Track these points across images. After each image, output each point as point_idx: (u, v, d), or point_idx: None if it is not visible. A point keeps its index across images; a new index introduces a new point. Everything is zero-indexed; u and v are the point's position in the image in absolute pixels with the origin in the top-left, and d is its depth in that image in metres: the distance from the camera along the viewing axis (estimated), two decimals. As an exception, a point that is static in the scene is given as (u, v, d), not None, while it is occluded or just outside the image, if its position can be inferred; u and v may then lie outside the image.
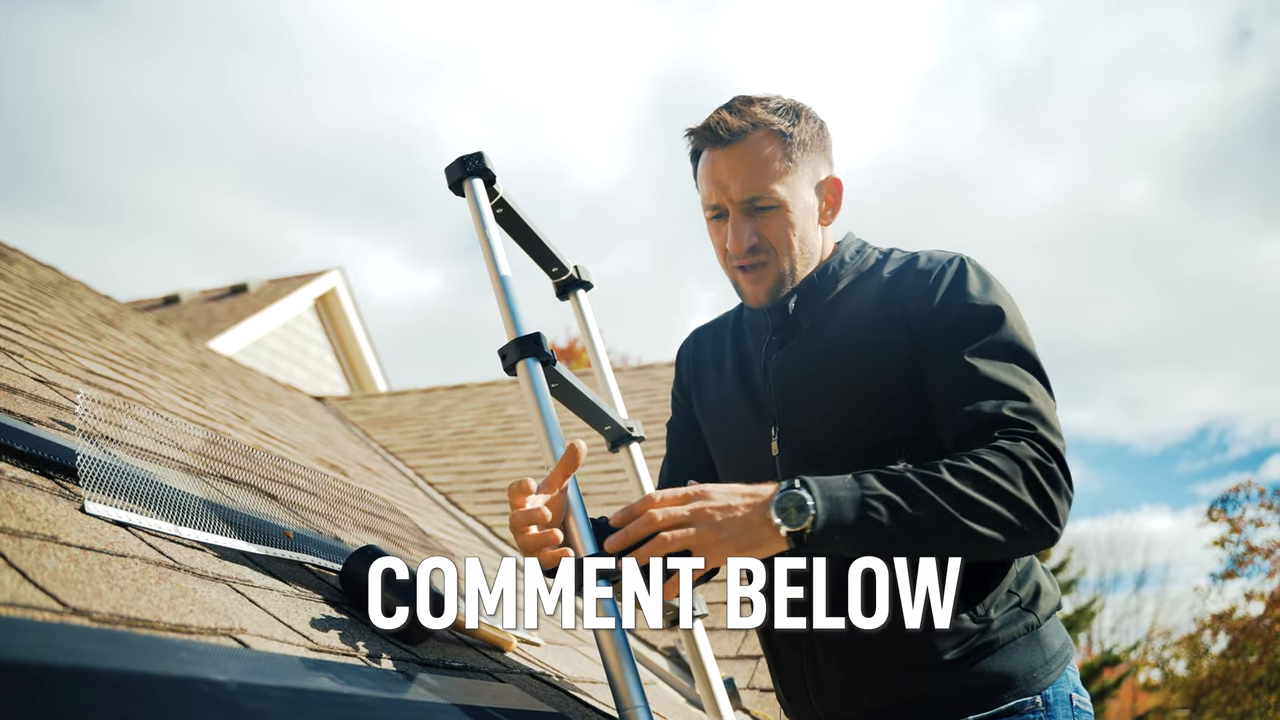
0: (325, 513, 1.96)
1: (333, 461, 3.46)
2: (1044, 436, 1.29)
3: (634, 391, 5.39)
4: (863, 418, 1.45)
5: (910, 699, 1.43)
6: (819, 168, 1.54)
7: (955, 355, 1.38)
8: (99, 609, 0.86)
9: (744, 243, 1.49)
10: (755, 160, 1.47)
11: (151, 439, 1.59)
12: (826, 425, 1.48)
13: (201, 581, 1.13)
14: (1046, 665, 1.42)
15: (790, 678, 1.57)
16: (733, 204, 1.49)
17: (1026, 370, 1.37)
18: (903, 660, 1.40)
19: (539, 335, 1.45)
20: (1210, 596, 15.04)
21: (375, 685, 1.08)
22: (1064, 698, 1.43)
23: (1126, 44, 41.81)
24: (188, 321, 10.19)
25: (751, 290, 1.54)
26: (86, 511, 1.13)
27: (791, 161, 1.48)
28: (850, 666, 1.46)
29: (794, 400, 1.53)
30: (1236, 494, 14.21)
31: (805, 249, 1.53)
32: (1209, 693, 14.02)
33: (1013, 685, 1.39)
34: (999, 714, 1.39)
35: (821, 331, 1.53)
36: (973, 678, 1.39)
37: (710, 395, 1.69)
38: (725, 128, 1.48)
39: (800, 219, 1.50)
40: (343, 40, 45.52)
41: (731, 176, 1.48)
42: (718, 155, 1.49)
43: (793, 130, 1.49)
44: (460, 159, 1.59)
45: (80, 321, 3.28)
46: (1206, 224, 38.26)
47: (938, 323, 1.42)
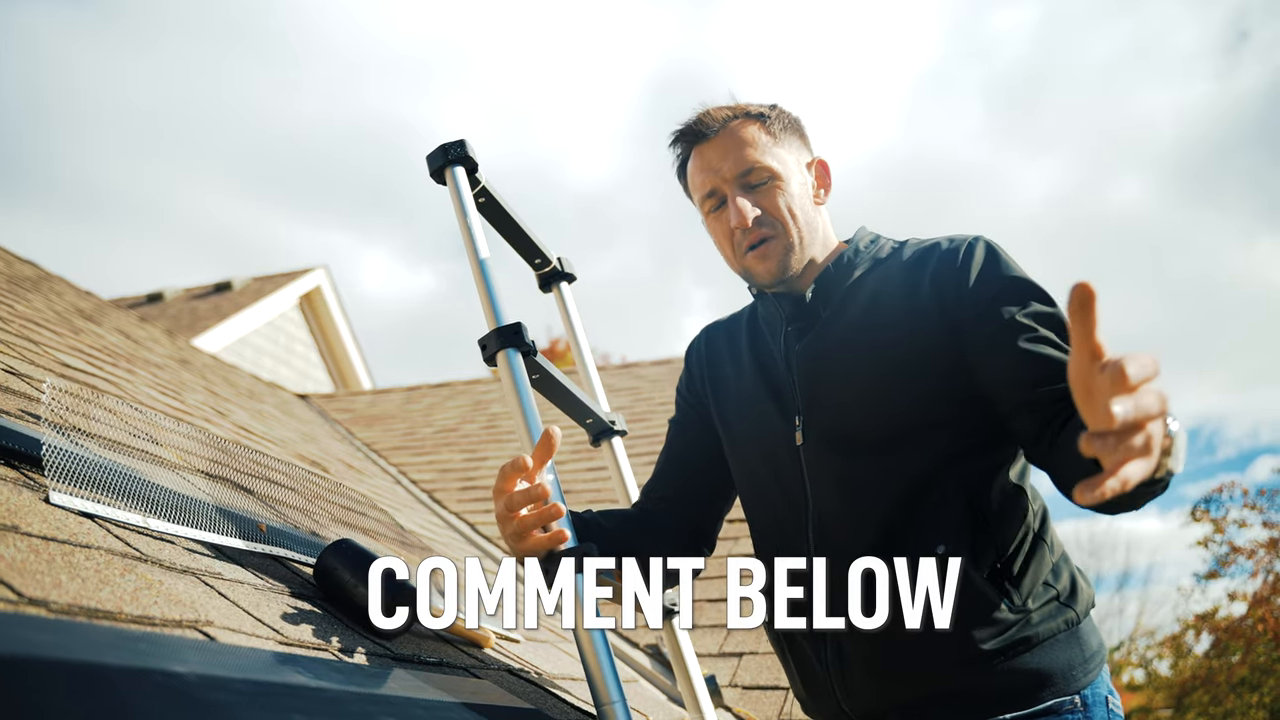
0: (302, 507, 1.93)
1: (314, 458, 3.42)
2: None
3: (618, 390, 5.36)
4: (890, 402, 1.42)
5: (945, 694, 1.38)
6: (802, 150, 1.59)
7: (1004, 335, 1.35)
8: (57, 599, 0.83)
9: (749, 214, 1.49)
10: (743, 140, 1.52)
11: (124, 431, 1.56)
12: (852, 412, 1.45)
13: (169, 574, 1.11)
14: (1085, 664, 1.39)
15: (811, 672, 1.51)
16: (728, 183, 1.51)
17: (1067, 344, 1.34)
18: (938, 652, 1.35)
19: (519, 325, 1.43)
20: (1193, 597, 15.10)
21: (345, 680, 1.06)
22: (1100, 699, 1.39)
23: (1124, 44, 42.05)
24: (171, 319, 10.11)
25: (763, 266, 1.52)
26: (51, 502, 1.10)
27: (775, 138, 1.53)
28: (882, 659, 1.41)
29: (818, 388, 1.50)
30: (1220, 494, 14.26)
31: (808, 222, 1.53)
32: (1192, 692, 14.07)
33: (1051, 683, 1.36)
34: (1036, 713, 1.35)
35: (842, 318, 1.51)
36: (1010, 674, 1.35)
37: (729, 391, 1.66)
38: (709, 120, 1.54)
39: (796, 191, 1.53)
40: (337, 37, 45.46)
41: (723, 159, 1.52)
42: (705, 147, 1.54)
43: (770, 114, 1.55)
44: (442, 146, 1.56)
45: (58, 316, 3.24)
46: (1200, 225, 38.49)
47: (979, 298, 1.39)
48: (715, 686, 2.41)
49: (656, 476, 1.73)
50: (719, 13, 49.25)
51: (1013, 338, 1.35)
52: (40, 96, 38.20)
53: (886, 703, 1.42)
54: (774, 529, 1.55)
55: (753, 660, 2.58)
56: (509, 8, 46.89)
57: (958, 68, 46.36)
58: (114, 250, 35.15)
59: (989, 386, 1.37)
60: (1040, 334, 1.34)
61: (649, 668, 2.60)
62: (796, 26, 46.70)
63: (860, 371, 1.45)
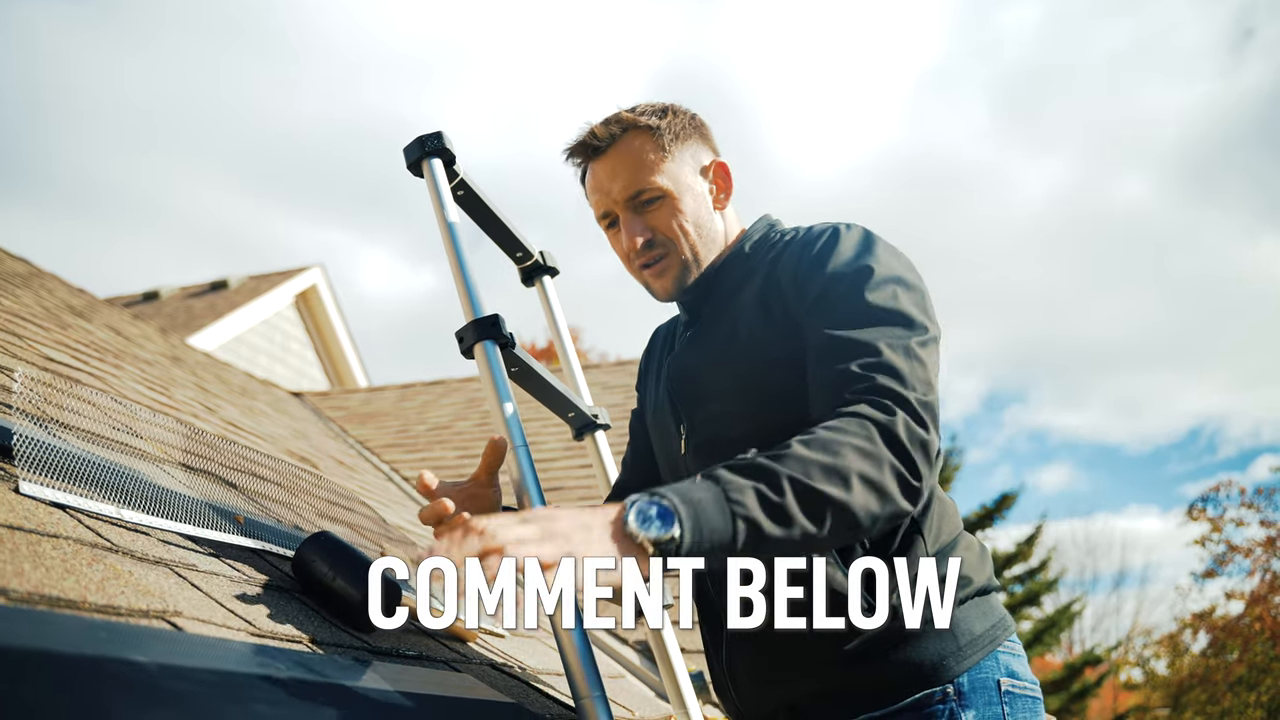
0: (286, 501, 1.92)
1: (304, 455, 3.41)
2: (891, 388, 1.22)
3: (612, 387, 5.36)
4: (758, 406, 1.40)
5: (817, 694, 1.37)
6: (699, 154, 1.54)
7: (817, 326, 1.33)
8: (17, 588, 0.82)
9: (638, 238, 1.48)
10: (630, 158, 1.48)
11: (101, 422, 1.55)
12: (725, 418, 1.44)
13: (139, 564, 1.10)
14: (960, 651, 1.34)
15: (715, 676, 1.54)
16: (619, 205, 1.49)
17: (886, 325, 1.30)
18: (806, 655, 1.34)
19: (497, 317, 1.42)
20: (1191, 595, 15.12)
21: (317, 672, 1.05)
22: (987, 684, 1.34)
23: (1128, 41, 41.86)
24: (167, 317, 10.09)
25: (659, 284, 1.52)
26: (20, 492, 1.09)
27: (665, 151, 1.49)
28: (759, 662, 1.41)
29: (692, 396, 1.50)
30: (1217, 493, 14.26)
31: (703, 235, 1.51)
32: (1189, 691, 14.08)
33: (919, 675, 1.32)
34: (904, 708, 1.32)
35: (712, 327, 1.50)
36: (881, 669, 1.32)
37: (650, 395, 1.67)
38: (595, 137, 1.50)
39: (690, 205, 1.49)
40: (336, 33, 45.23)
41: (612, 179, 1.49)
42: (596, 165, 1.51)
43: (660, 124, 1.50)
44: (419, 138, 1.55)
45: (47, 312, 3.23)
46: (1203, 223, 38.36)
47: (806, 295, 1.37)
48: (703, 683, 2.41)
49: (625, 469, 1.75)
50: (724, 10, 49.15)
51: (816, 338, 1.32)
52: (37, 92, 38.06)
53: (771, 704, 1.42)
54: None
55: (741, 656, 2.57)
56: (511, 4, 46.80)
57: (961, 66, 46.23)
58: (111, 247, 35.05)
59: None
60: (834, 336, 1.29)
61: (637, 664, 2.60)
62: (800, 24, 46.60)
63: (726, 377, 1.44)
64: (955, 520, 1.45)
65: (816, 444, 1.15)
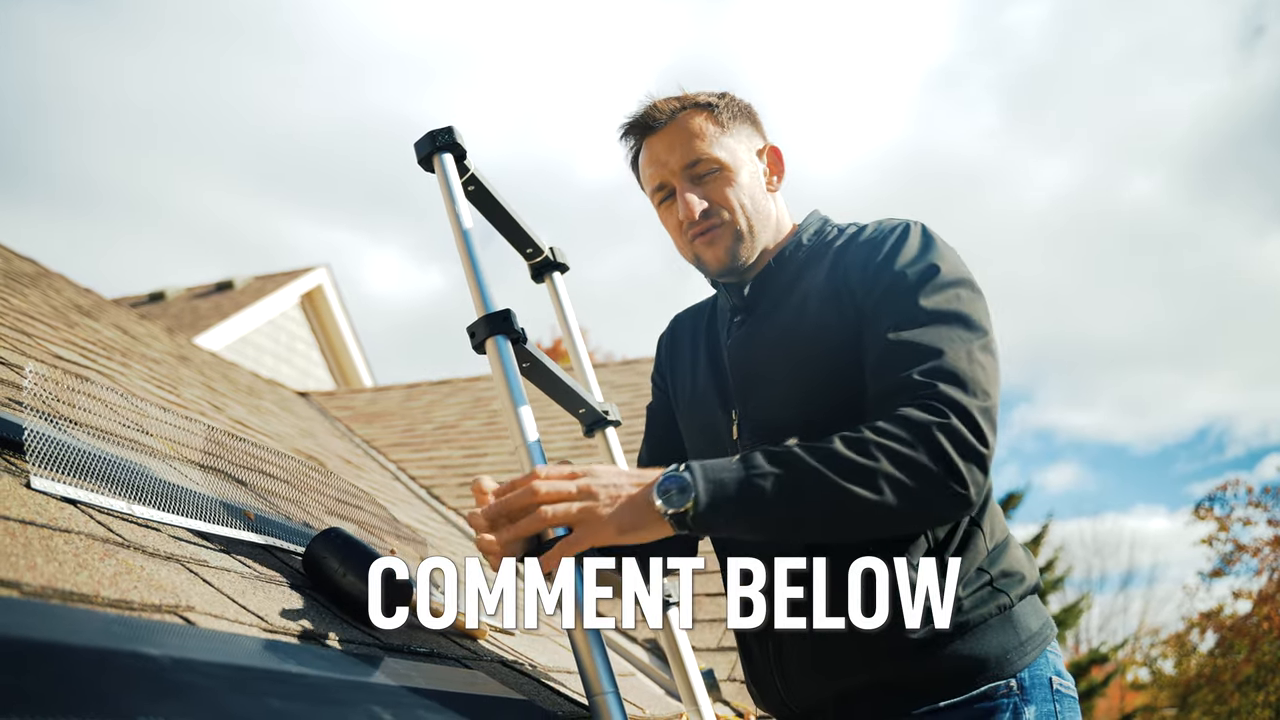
0: (295, 499, 1.92)
1: (311, 453, 3.41)
2: (948, 394, 1.23)
3: (619, 386, 5.35)
4: (817, 399, 1.41)
5: (876, 684, 1.38)
6: (753, 137, 1.59)
7: (881, 324, 1.34)
8: (31, 581, 0.82)
9: (696, 208, 1.50)
10: (689, 131, 1.52)
11: (111, 419, 1.55)
12: (782, 408, 1.45)
13: (151, 560, 1.09)
14: (1021, 647, 1.37)
15: (758, 667, 1.53)
16: (676, 176, 1.52)
17: (950, 327, 1.31)
18: (869, 645, 1.34)
19: (509, 312, 1.41)
20: (1198, 595, 15.07)
21: (330, 667, 1.04)
22: (1042, 681, 1.38)
23: (1137, 39, 41.68)
24: (173, 318, 10.10)
25: (711, 253, 1.53)
26: (32, 487, 1.09)
27: (723, 127, 1.53)
28: (816, 652, 1.41)
29: (750, 383, 1.51)
30: (1224, 492, 14.22)
31: (758, 210, 1.53)
32: (1196, 691, 14.04)
33: (985, 668, 1.34)
34: (971, 699, 1.34)
35: (775, 314, 1.51)
36: (942, 661, 1.34)
37: (684, 382, 1.68)
38: (657, 112, 1.55)
39: (745, 181, 1.53)
40: (339, 33, 45.27)
41: (670, 151, 1.52)
42: (654, 139, 1.55)
43: (719, 103, 1.55)
44: (430, 133, 1.55)
45: (55, 311, 3.23)
46: (1210, 221, 38.13)
47: (872, 292, 1.39)
48: (714, 681, 2.40)
49: (641, 463, 1.75)
50: (732, 7, 49.13)
51: (878, 338, 1.33)
52: (37, 91, 38.09)
53: (823, 696, 1.43)
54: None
55: (751, 655, 2.56)
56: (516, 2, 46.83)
57: (969, 63, 46.14)
58: (113, 247, 35.03)
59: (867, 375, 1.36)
60: (897, 337, 1.31)
61: (646, 662, 2.59)
62: (808, 21, 46.59)
63: (786, 367, 1.46)
64: (1002, 518, 1.48)
65: (855, 443, 1.20)
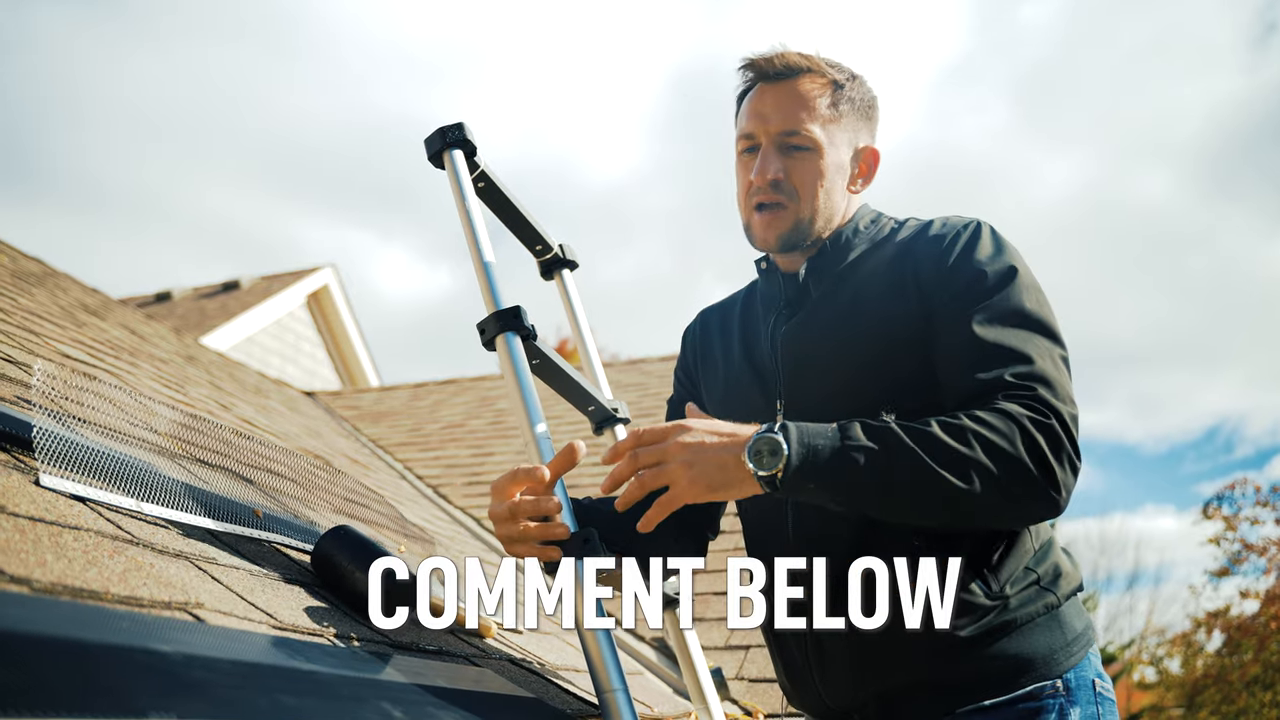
0: (302, 497, 1.91)
1: (317, 453, 3.41)
2: (1046, 399, 1.23)
3: (626, 386, 5.34)
4: (871, 392, 1.38)
5: (923, 683, 1.35)
6: (860, 133, 1.53)
7: (962, 320, 1.32)
8: (41, 578, 0.82)
9: (769, 173, 1.45)
10: (801, 98, 1.46)
11: (119, 417, 1.55)
12: (833, 400, 1.41)
13: (161, 557, 1.09)
14: (1068, 647, 1.35)
15: (793, 665, 1.50)
16: (768, 135, 1.47)
17: (1037, 334, 1.31)
18: (914, 643, 1.29)
19: (519, 309, 1.40)
20: (1205, 594, 15.01)
21: (338, 664, 1.04)
22: (1086, 682, 1.36)
23: (1149, 36, 41.42)
24: (180, 318, 10.12)
25: (763, 233, 1.49)
26: (41, 485, 1.08)
27: (836, 110, 1.48)
28: (858, 652, 1.39)
29: (800, 374, 1.47)
30: (1232, 491, 14.16)
31: (828, 204, 1.49)
32: (1203, 691, 13.98)
33: (1032, 668, 1.32)
34: (1017, 699, 1.32)
35: (831, 302, 1.48)
36: (989, 660, 1.32)
37: (716, 376, 1.64)
38: (782, 62, 1.48)
39: (830, 171, 1.48)
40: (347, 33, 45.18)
41: (774, 109, 1.47)
42: (766, 89, 1.49)
43: (846, 84, 1.49)
44: (440, 129, 1.54)
45: (62, 310, 3.23)
46: (1221, 220, 37.87)
47: (947, 287, 1.36)
48: (721, 679, 2.39)
49: None
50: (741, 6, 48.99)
51: (961, 332, 1.32)
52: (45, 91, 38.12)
53: (864, 694, 1.41)
54: (757, 519, 1.55)
55: (759, 653, 2.56)
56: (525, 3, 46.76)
57: (981, 60, 45.92)
58: (121, 247, 35.05)
59: (939, 373, 1.35)
60: (983, 335, 1.30)
61: (654, 660, 2.58)
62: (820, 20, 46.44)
63: (841, 359, 1.43)
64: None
65: (954, 430, 1.19)
